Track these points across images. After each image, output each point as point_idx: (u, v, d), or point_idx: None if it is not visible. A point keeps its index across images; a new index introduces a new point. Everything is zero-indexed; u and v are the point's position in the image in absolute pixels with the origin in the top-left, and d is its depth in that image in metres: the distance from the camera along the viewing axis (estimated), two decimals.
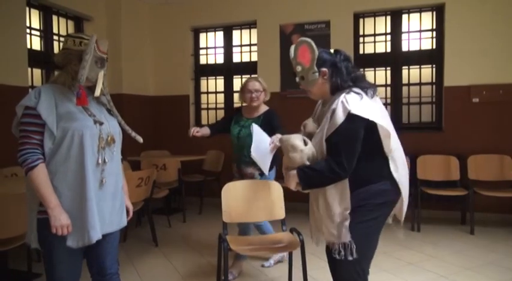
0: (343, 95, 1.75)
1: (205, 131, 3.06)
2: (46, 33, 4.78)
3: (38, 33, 4.69)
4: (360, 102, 1.72)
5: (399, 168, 1.82)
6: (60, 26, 5.01)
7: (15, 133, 1.74)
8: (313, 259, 3.10)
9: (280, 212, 2.79)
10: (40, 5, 4.67)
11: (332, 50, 1.90)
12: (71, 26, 5.19)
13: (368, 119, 1.69)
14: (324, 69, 1.83)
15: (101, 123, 1.79)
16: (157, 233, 3.96)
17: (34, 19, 4.64)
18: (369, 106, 1.74)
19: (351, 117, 1.68)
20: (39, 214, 1.71)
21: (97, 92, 1.78)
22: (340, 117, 1.69)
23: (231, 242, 2.53)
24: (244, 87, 3.08)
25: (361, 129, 1.71)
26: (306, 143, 1.80)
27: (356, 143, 1.72)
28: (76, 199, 1.70)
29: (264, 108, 3.11)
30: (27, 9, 4.44)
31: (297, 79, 1.91)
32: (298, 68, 1.87)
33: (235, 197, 2.76)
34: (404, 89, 5.11)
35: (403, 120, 5.11)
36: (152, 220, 3.94)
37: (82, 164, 1.70)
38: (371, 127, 1.72)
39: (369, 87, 1.81)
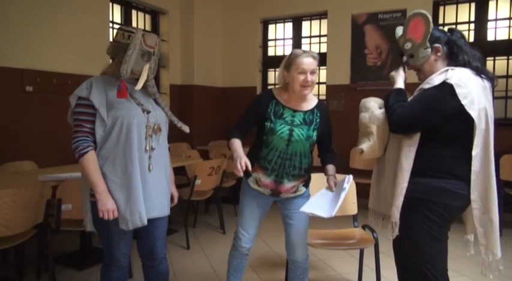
0: (457, 67, 1.64)
1: (240, 148, 2.00)
2: None
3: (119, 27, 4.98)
4: (466, 79, 1.58)
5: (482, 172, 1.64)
6: (139, 20, 5.29)
7: (70, 122, 1.81)
8: (386, 258, 2.98)
9: (352, 207, 2.73)
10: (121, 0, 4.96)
11: (446, 29, 1.81)
12: (148, 19, 5.45)
13: (459, 99, 1.54)
14: (438, 45, 1.71)
15: (148, 112, 1.83)
16: (225, 220, 4.06)
17: (116, 13, 4.94)
18: (472, 88, 1.58)
19: (443, 86, 1.58)
20: (92, 198, 1.78)
21: (139, 86, 1.79)
22: (433, 82, 1.61)
23: None
24: (294, 64, 2.02)
25: (446, 104, 1.57)
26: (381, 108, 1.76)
27: (430, 112, 1.59)
28: (124, 185, 1.75)
29: (313, 97, 2.17)
30: (110, 4, 4.73)
31: (404, 58, 1.78)
32: (408, 46, 1.74)
33: None
34: None
35: None
36: (221, 208, 4.05)
37: (130, 151, 1.75)
38: (463, 111, 1.56)
39: (492, 78, 1.68)
